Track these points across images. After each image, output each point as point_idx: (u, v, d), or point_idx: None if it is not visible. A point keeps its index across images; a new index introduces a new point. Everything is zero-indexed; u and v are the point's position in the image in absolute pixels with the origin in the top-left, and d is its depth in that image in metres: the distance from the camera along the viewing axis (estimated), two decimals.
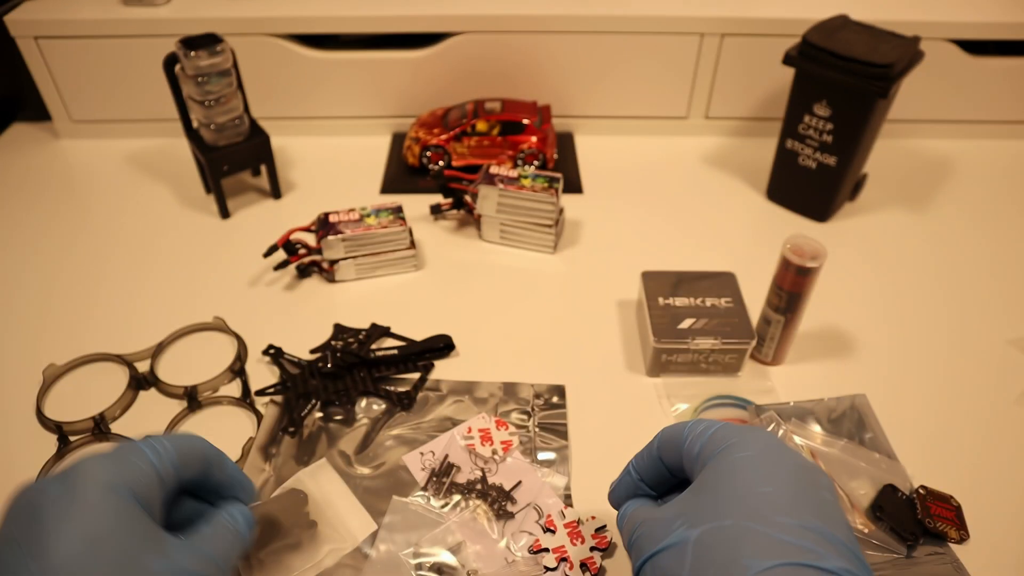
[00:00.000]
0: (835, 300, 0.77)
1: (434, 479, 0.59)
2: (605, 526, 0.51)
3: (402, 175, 0.98)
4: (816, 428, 0.63)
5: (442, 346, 0.70)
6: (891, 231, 0.89)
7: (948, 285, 0.81)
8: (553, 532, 0.46)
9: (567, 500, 0.57)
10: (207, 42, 0.80)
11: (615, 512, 0.45)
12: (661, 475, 0.43)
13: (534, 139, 0.94)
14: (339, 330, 0.73)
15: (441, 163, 0.96)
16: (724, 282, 0.71)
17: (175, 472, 0.38)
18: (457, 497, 0.57)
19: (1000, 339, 0.74)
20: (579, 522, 0.49)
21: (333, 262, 0.79)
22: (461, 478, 0.59)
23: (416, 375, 0.68)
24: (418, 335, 0.71)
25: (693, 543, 0.34)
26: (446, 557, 0.53)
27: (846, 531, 0.33)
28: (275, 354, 0.70)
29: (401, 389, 0.67)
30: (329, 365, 0.67)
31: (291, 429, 0.62)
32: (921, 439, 0.63)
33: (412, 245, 0.81)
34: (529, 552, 0.46)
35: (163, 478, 0.37)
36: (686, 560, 0.34)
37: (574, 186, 0.96)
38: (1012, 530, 0.56)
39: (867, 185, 0.95)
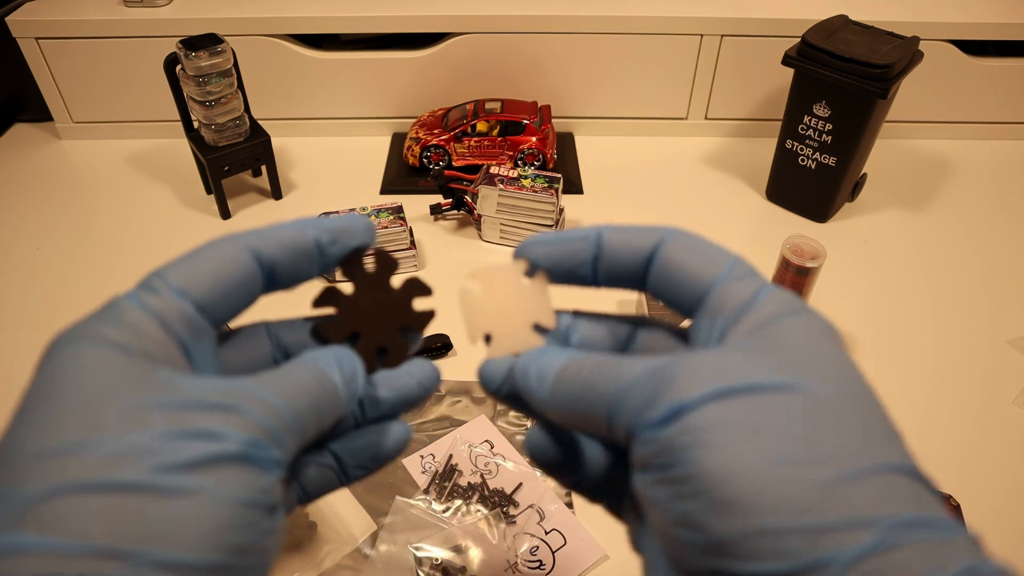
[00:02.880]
0: (834, 300, 0.77)
1: (436, 482, 0.59)
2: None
3: (402, 175, 0.98)
4: None
5: (440, 346, 0.70)
6: (890, 231, 0.89)
7: (947, 285, 0.81)
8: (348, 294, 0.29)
9: (568, 503, 0.57)
10: (207, 42, 0.80)
11: None
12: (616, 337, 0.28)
13: (534, 139, 0.94)
14: None
15: (441, 163, 0.96)
16: None
17: (190, 304, 0.24)
18: (458, 501, 0.58)
19: (999, 339, 0.74)
20: (386, 270, 0.29)
21: None
22: (462, 481, 0.59)
23: None
24: None
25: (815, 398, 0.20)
26: (448, 559, 0.53)
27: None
28: None
29: None
30: None
31: None
32: (920, 439, 0.63)
33: (412, 245, 0.81)
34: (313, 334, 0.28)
35: (166, 319, 0.23)
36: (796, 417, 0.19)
37: (574, 186, 0.96)
38: (1013, 530, 0.56)
39: (866, 185, 0.95)
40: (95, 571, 0.17)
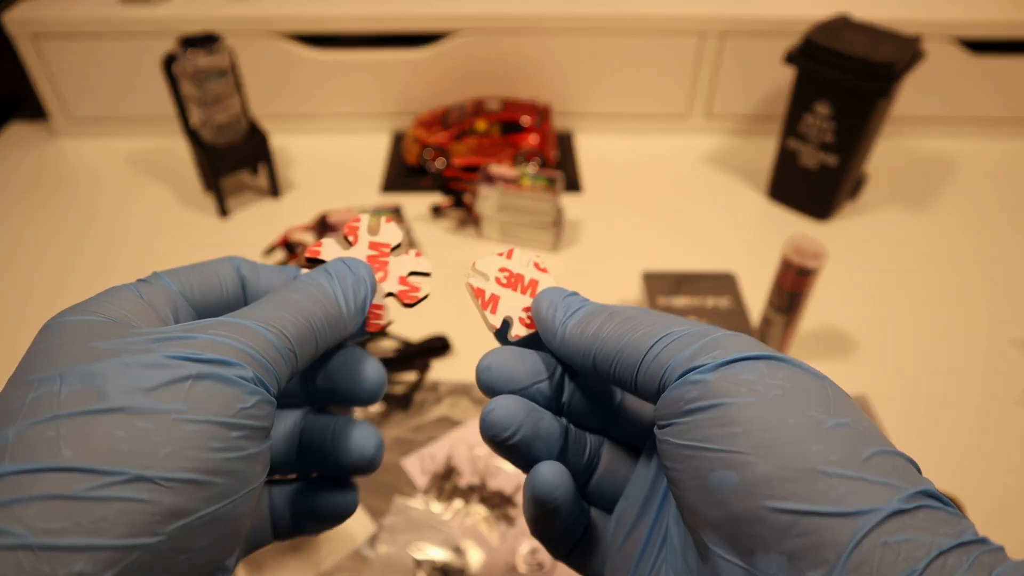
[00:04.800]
0: (836, 300, 0.77)
1: (436, 483, 0.58)
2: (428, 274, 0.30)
3: (402, 175, 0.97)
4: None
5: (439, 346, 0.70)
6: (892, 230, 0.89)
7: (949, 284, 0.81)
8: (351, 243, 0.28)
9: None
10: (206, 41, 0.80)
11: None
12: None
13: (534, 139, 0.94)
14: None
15: (441, 163, 0.96)
16: (724, 283, 0.71)
17: (179, 295, 0.25)
18: (458, 502, 0.57)
19: (1001, 339, 0.73)
20: (395, 249, 0.29)
21: None
22: (462, 482, 0.59)
23: (414, 376, 0.68)
24: (416, 335, 0.71)
25: None
26: (448, 561, 0.53)
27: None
28: None
29: (398, 390, 0.66)
30: None
31: None
32: (922, 440, 0.63)
33: (411, 245, 0.80)
34: (307, 261, 0.28)
35: (158, 303, 0.24)
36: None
37: (574, 186, 0.96)
38: (1015, 531, 0.55)
39: (868, 184, 0.95)
40: (66, 488, 0.17)
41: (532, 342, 0.27)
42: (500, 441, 0.25)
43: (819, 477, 0.18)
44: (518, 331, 0.28)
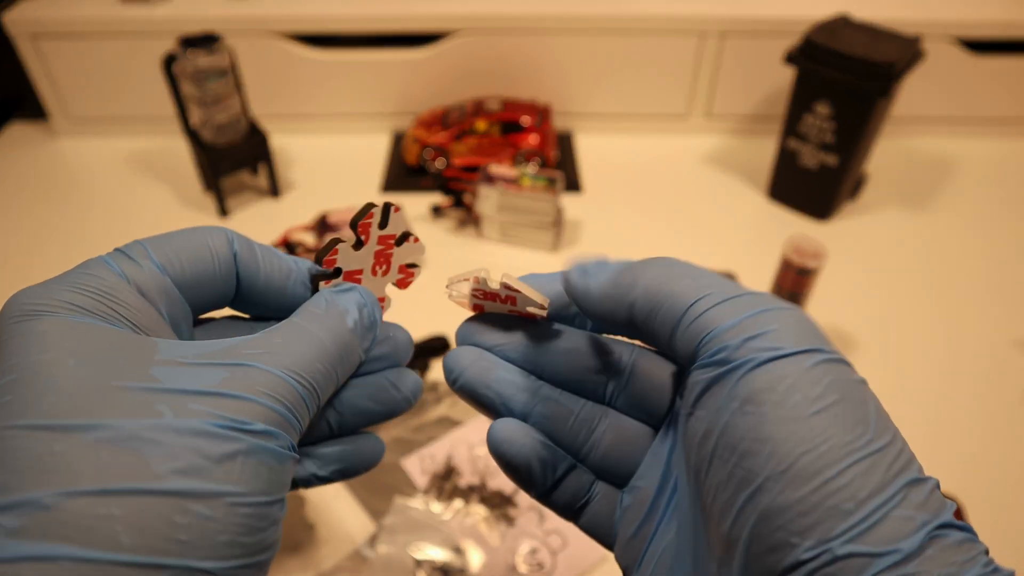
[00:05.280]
0: (836, 300, 0.77)
1: (436, 483, 0.58)
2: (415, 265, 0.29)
3: (402, 175, 0.97)
4: None
5: (439, 346, 0.70)
6: (892, 230, 0.89)
7: (950, 284, 0.81)
8: (363, 242, 0.26)
9: None
10: (206, 41, 0.80)
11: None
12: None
13: (534, 139, 0.94)
14: None
15: (441, 163, 0.96)
16: None
17: (162, 274, 0.23)
18: (459, 503, 0.57)
19: (1003, 339, 0.73)
20: (401, 240, 0.27)
21: None
22: (462, 482, 0.58)
23: None
24: (415, 335, 0.71)
25: None
26: (448, 561, 0.53)
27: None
28: None
29: None
30: None
31: None
32: (925, 440, 0.62)
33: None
34: (315, 263, 0.26)
35: (146, 289, 0.22)
36: None
37: (574, 186, 0.96)
38: (1016, 532, 0.55)
39: (868, 184, 0.95)
40: None
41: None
42: (452, 380, 0.25)
43: (843, 515, 0.18)
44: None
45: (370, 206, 0.26)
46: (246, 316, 0.26)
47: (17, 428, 0.17)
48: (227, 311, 0.26)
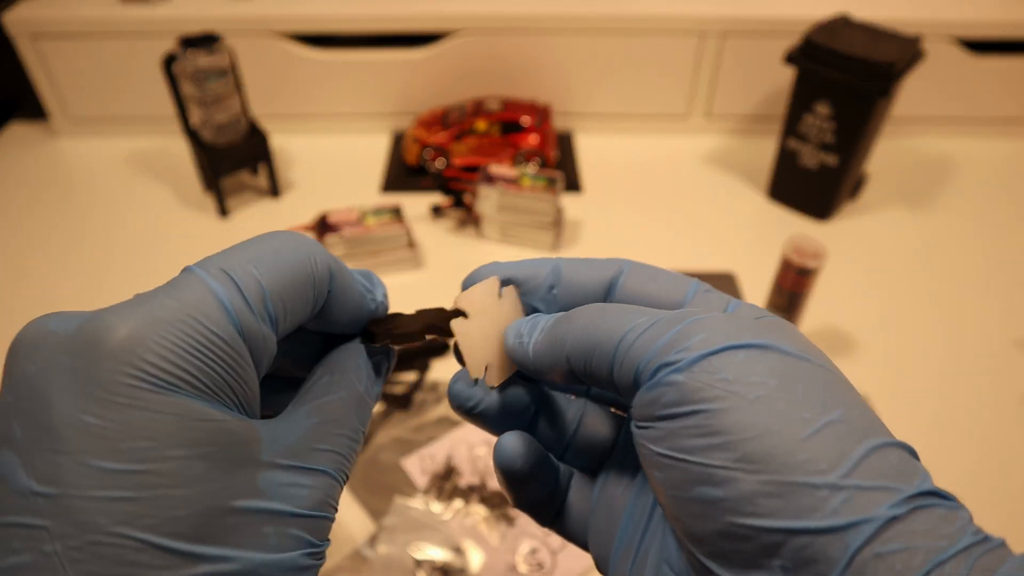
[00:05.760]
0: (836, 300, 0.77)
1: (436, 483, 0.58)
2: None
3: (402, 175, 0.97)
4: None
5: (439, 346, 0.70)
6: (892, 230, 0.89)
7: (951, 284, 0.81)
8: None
9: None
10: (206, 41, 0.80)
11: None
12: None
13: (534, 139, 0.94)
14: None
15: (441, 163, 0.96)
16: (724, 283, 0.71)
17: (272, 329, 0.21)
18: (459, 503, 0.57)
19: (1004, 339, 0.73)
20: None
21: None
22: (462, 482, 0.58)
23: (414, 376, 0.68)
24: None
25: None
26: (448, 561, 0.53)
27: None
28: None
29: (398, 390, 0.66)
30: None
31: None
32: (926, 439, 0.62)
33: (411, 245, 0.80)
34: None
35: (252, 347, 0.20)
36: None
37: (574, 186, 0.96)
38: (1016, 532, 0.55)
39: (868, 184, 0.95)
40: None
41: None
42: (467, 410, 0.24)
43: (807, 491, 0.17)
44: (491, 378, 0.25)
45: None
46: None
47: (138, 541, 0.17)
48: None
